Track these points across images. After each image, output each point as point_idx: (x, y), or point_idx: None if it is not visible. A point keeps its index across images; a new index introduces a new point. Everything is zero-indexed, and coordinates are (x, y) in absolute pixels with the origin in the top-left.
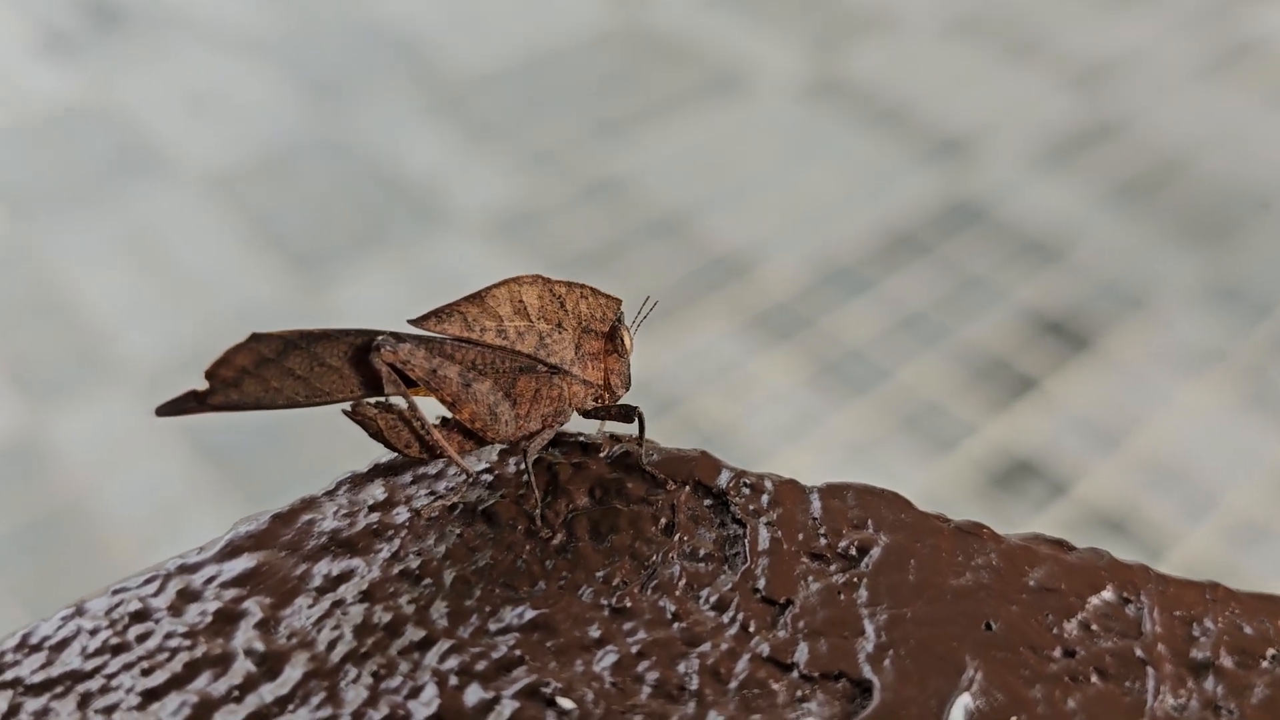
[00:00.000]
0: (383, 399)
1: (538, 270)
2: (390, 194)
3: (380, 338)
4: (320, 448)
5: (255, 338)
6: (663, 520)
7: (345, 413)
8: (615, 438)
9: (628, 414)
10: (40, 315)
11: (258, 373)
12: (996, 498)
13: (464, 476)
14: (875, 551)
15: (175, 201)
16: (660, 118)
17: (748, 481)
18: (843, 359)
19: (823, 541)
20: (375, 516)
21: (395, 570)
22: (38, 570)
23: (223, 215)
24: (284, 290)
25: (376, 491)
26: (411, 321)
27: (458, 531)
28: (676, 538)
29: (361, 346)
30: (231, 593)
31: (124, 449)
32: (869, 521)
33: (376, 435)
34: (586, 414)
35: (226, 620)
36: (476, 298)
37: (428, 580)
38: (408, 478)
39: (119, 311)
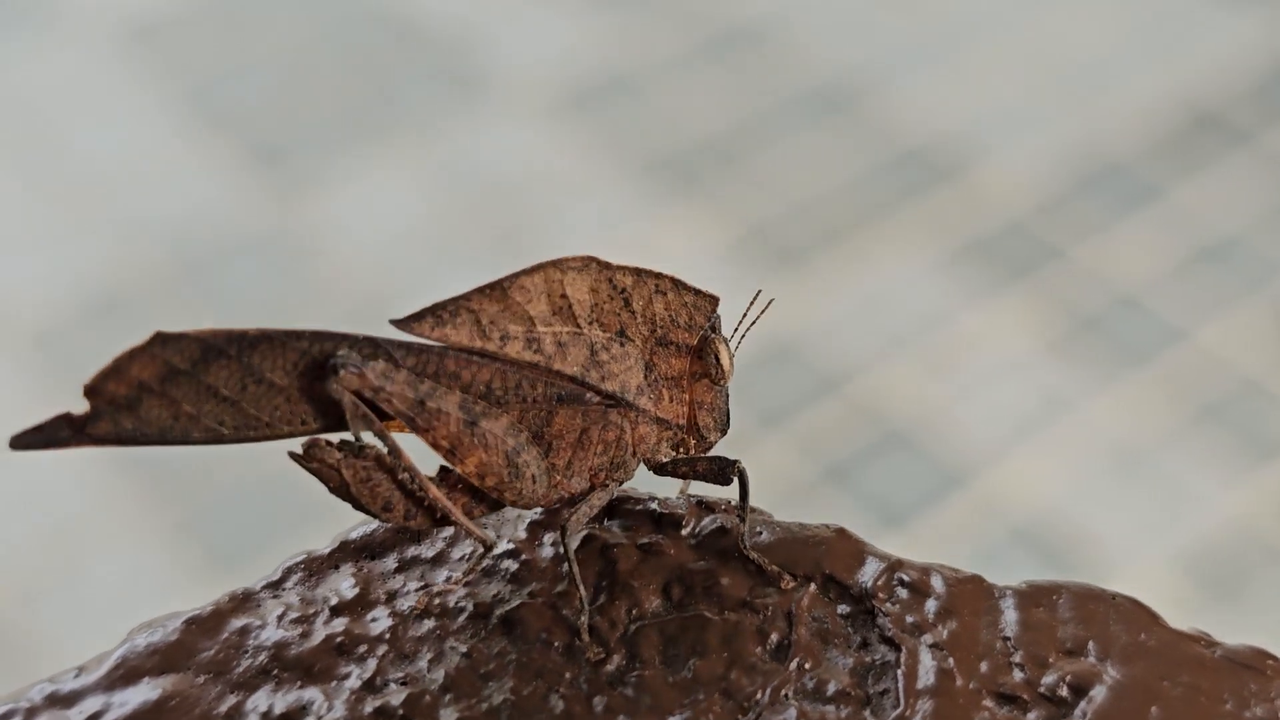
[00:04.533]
0: (347, 438)
1: (628, 177)
2: (401, 51)
3: (341, 353)
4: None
5: (160, 339)
6: (773, 637)
7: (293, 456)
8: (704, 505)
9: (722, 470)
10: None
11: (164, 391)
12: None
13: (477, 553)
14: (1098, 693)
15: (71, 62)
16: None
17: (906, 577)
18: (1107, 310)
19: (1018, 675)
20: (340, 624)
21: (368, 708)
22: None
23: (146, 84)
24: (240, 200)
25: (343, 585)
26: (396, 323)
27: (463, 648)
28: (793, 665)
29: (319, 357)
30: None
31: None
32: (1090, 644)
33: (340, 491)
34: (659, 469)
35: None
36: (496, 289)
37: None
38: (390, 562)
39: None
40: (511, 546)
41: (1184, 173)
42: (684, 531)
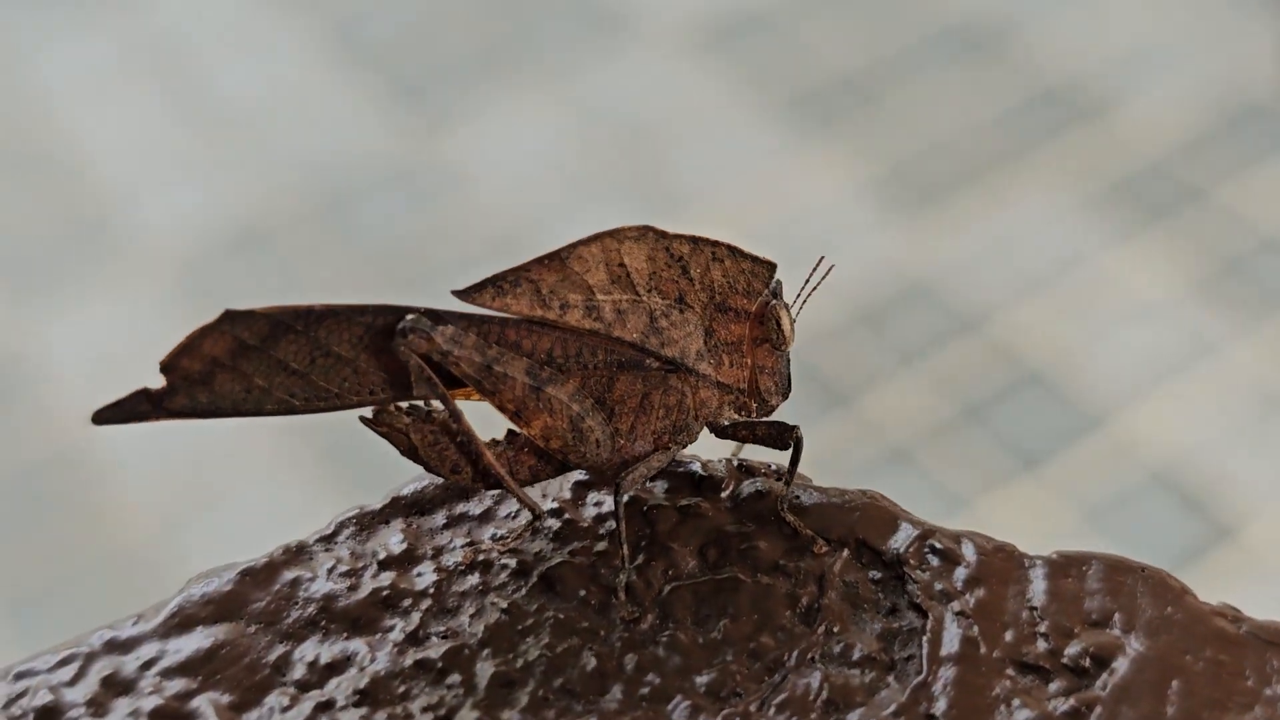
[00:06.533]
0: (416, 403)
1: (767, 115)
2: None
3: (410, 318)
4: None
5: (229, 316)
6: (804, 601)
7: (365, 421)
8: (745, 468)
9: (781, 435)
10: (18, 172)
11: (235, 365)
12: None
13: (525, 518)
14: (1120, 665)
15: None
16: None
17: (938, 545)
18: (1250, 253)
19: (1042, 646)
20: (387, 578)
21: (410, 660)
22: (6, 547)
23: (291, 21)
24: (381, 135)
25: (391, 540)
26: (458, 293)
27: (504, 604)
28: (821, 629)
29: (383, 329)
30: (176, 684)
31: (138, 370)
32: (1116, 616)
33: (410, 454)
34: (720, 432)
35: None
36: (555, 259)
37: (455, 677)
38: (439, 519)
39: (130, 169)
40: (555, 506)
41: None
42: (723, 494)
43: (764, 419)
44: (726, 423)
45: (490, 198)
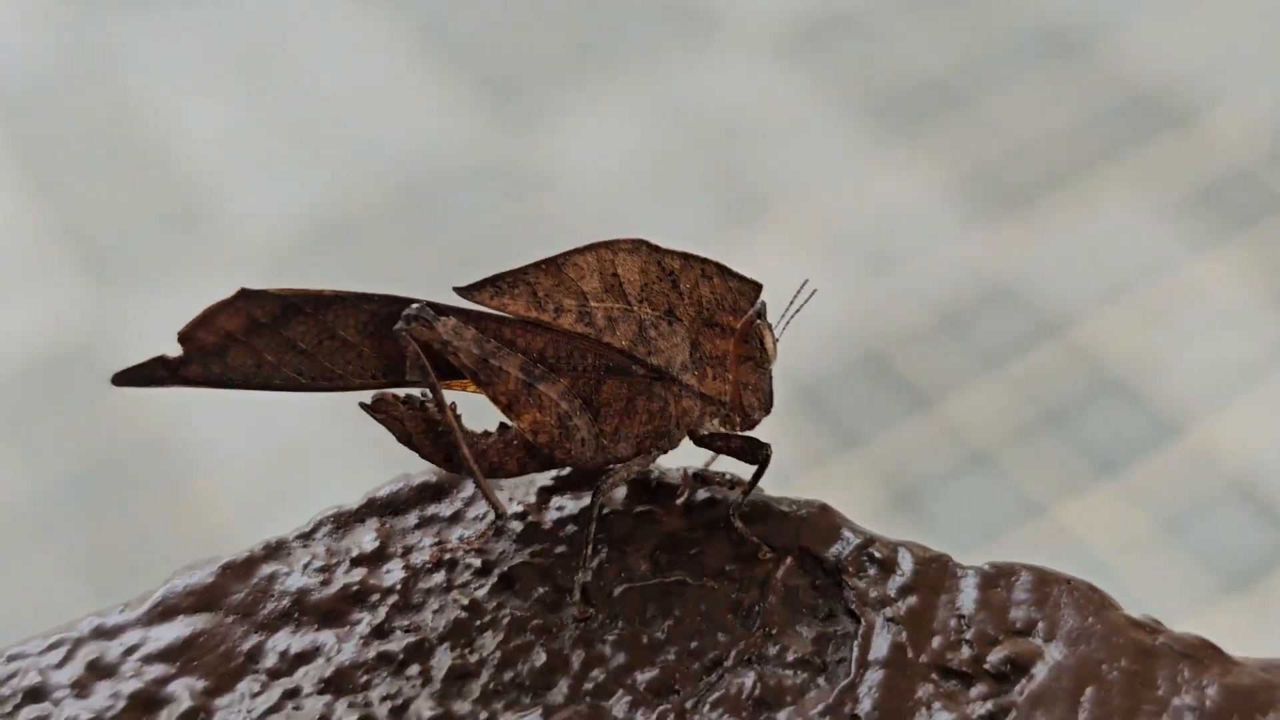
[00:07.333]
0: (413, 394)
1: (853, 117)
2: None
3: (415, 306)
4: None
5: (244, 295)
6: (746, 604)
7: (364, 407)
8: (699, 477)
9: (754, 451)
10: (111, 165)
11: (248, 341)
12: None
13: (490, 518)
14: (1039, 672)
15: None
16: None
17: (876, 554)
18: None
19: (967, 652)
20: (358, 574)
21: (373, 652)
22: (98, 531)
23: (377, 20)
24: (468, 132)
25: (365, 538)
26: (459, 290)
27: (465, 601)
28: (759, 632)
29: (387, 318)
30: (156, 670)
31: None
32: (1039, 625)
33: (405, 440)
34: (699, 440)
35: (143, 709)
36: (552, 265)
37: (414, 668)
38: (411, 519)
39: (221, 162)
40: (520, 509)
41: None
42: (677, 501)
43: (741, 434)
44: (705, 432)
45: (575, 195)
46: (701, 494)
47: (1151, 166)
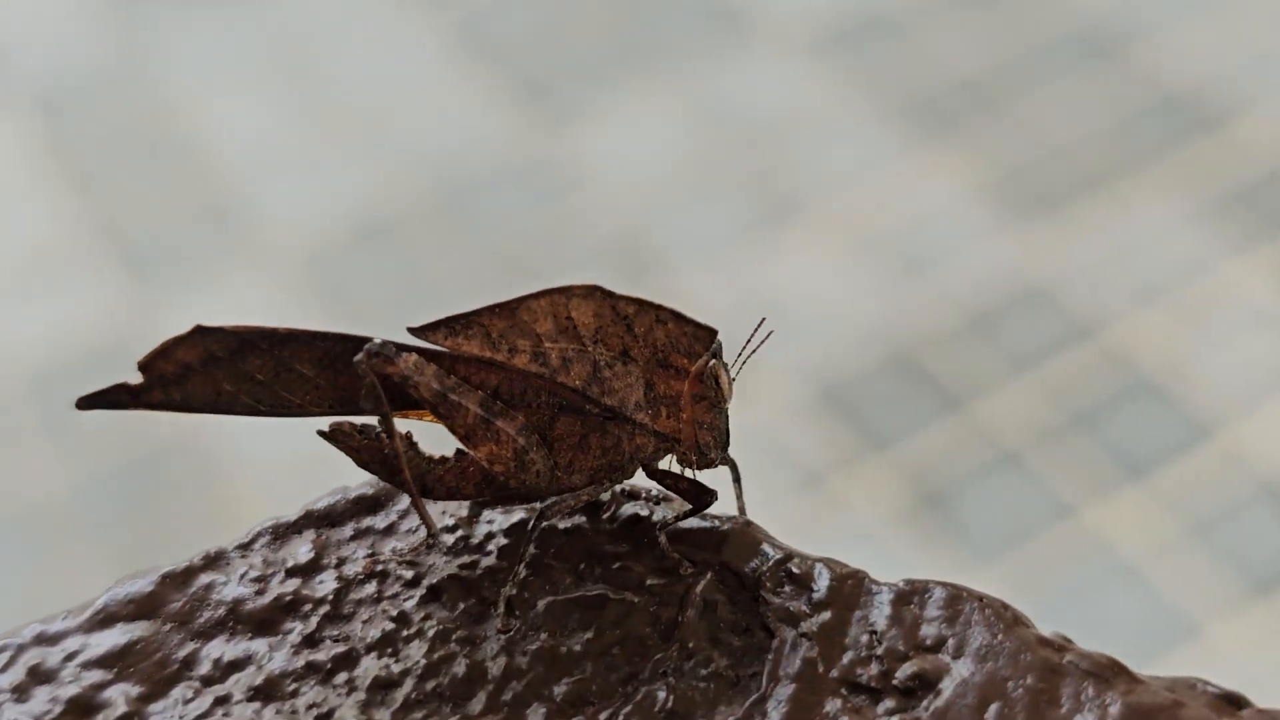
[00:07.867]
0: (370, 423)
1: (886, 118)
2: None
3: (377, 342)
4: None
5: (201, 331)
6: (664, 618)
7: (322, 434)
8: (626, 493)
9: (699, 496)
10: (150, 162)
11: (206, 371)
12: None
13: (422, 536)
14: (945, 687)
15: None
16: None
17: (794, 570)
18: None
19: (876, 668)
20: (292, 584)
21: (302, 661)
22: (134, 525)
23: (413, 20)
24: (504, 131)
25: (301, 549)
26: (413, 330)
27: (394, 612)
28: (676, 646)
29: (341, 355)
30: (94, 675)
31: None
32: (949, 642)
33: (364, 465)
34: (652, 474)
35: (80, 713)
36: (505, 309)
37: (341, 677)
38: (346, 531)
39: (259, 161)
40: (452, 522)
41: None
42: (604, 516)
43: (689, 478)
44: (656, 467)
45: (610, 194)
46: (628, 509)
47: (1184, 169)
